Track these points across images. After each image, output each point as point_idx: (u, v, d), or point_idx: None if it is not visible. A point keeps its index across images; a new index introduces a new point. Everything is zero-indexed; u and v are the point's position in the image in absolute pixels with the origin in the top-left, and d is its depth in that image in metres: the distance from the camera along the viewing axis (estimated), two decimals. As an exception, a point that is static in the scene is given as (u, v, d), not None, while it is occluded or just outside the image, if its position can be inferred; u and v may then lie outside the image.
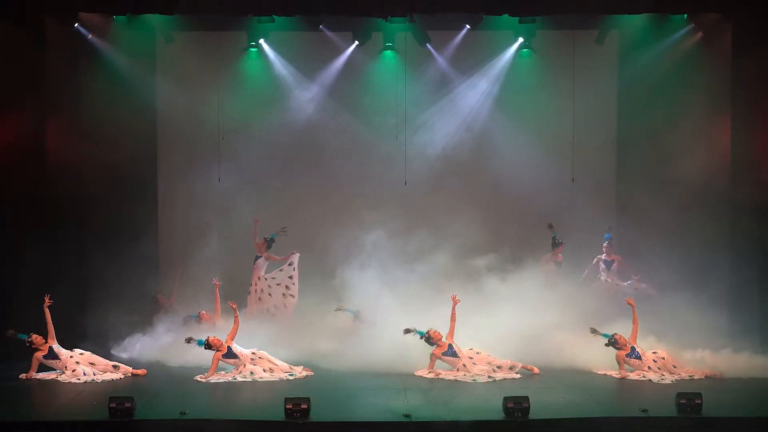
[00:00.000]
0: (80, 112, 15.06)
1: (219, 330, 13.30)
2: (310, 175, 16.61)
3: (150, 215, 16.26)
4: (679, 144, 15.08)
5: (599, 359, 12.69)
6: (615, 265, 15.36)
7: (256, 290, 15.32)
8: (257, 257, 15.43)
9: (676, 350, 12.83)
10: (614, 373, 12.50)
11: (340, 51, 16.21)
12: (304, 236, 15.77)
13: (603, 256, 15.46)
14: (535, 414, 10.01)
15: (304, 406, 9.95)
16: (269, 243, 15.43)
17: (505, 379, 12.30)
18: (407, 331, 12.64)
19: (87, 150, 15.07)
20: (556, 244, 15.42)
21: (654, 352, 12.57)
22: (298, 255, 15.27)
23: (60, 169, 14.45)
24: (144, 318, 14.63)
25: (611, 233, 15.52)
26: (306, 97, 16.39)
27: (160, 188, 16.58)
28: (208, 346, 12.43)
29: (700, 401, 10.12)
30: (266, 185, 16.45)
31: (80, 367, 12.38)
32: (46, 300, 12.50)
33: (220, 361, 12.48)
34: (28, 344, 12.44)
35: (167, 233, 16.54)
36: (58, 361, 12.46)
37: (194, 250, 15.41)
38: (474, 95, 16.43)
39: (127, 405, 9.97)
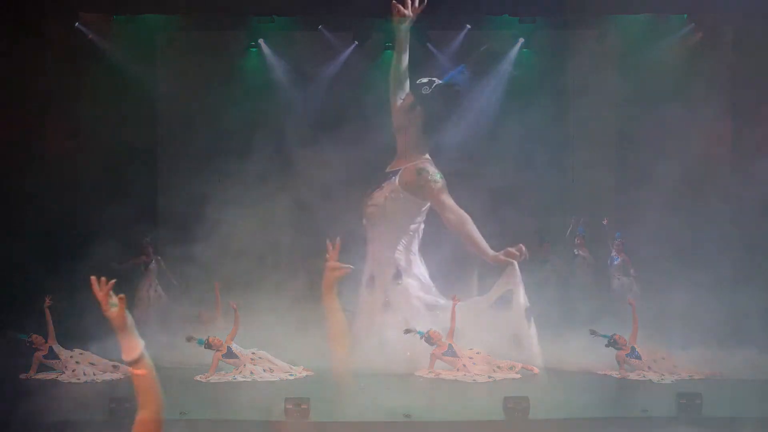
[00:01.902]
0: (80, 112, 15.06)
1: (219, 330, 13.30)
2: (310, 174, 16.57)
3: (150, 214, 16.25)
4: (679, 144, 15.08)
5: (599, 359, 12.69)
6: (619, 262, 15.35)
7: (148, 296, 15.12)
8: (148, 263, 15.28)
9: (676, 349, 12.83)
10: (614, 373, 12.49)
11: (339, 51, 16.19)
12: (303, 235, 15.77)
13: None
14: (535, 414, 10.01)
15: (304, 406, 9.95)
16: (153, 246, 15.34)
17: (505, 379, 12.30)
18: (407, 331, 12.63)
19: (86, 149, 15.06)
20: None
21: (654, 352, 12.56)
22: None
23: (60, 168, 14.44)
24: (140, 316, 14.63)
25: (621, 232, 15.50)
26: (305, 96, 16.36)
27: (159, 187, 16.57)
28: (208, 345, 12.44)
29: (700, 401, 10.12)
30: (266, 184, 16.42)
31: (80, 367, 12.38)
32: (47, 300, 12.50)
33: (220, 361, 12.48)
34: (28, 344, 12.44)
35: (167, 232, 16.52)
36: (58, 361, 12.45)
37: (194, 249, 15.40)
38: (473, 95, 16.39)
39: (127, 405, 9.97)
